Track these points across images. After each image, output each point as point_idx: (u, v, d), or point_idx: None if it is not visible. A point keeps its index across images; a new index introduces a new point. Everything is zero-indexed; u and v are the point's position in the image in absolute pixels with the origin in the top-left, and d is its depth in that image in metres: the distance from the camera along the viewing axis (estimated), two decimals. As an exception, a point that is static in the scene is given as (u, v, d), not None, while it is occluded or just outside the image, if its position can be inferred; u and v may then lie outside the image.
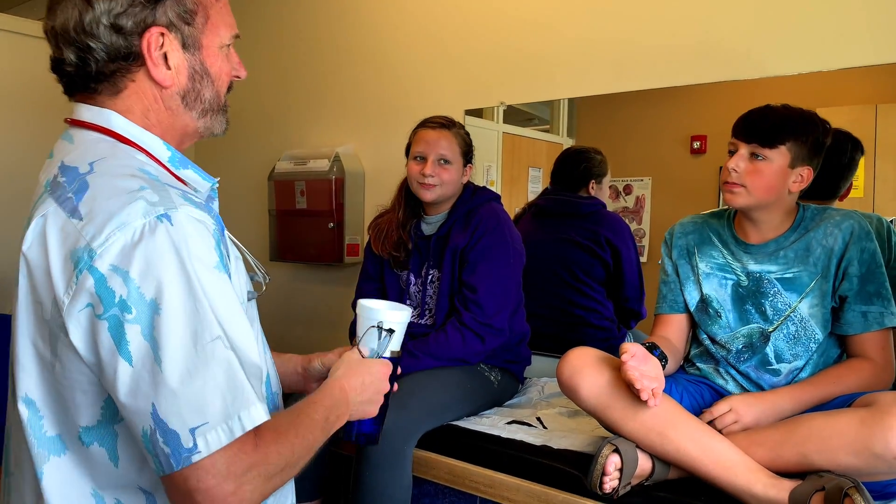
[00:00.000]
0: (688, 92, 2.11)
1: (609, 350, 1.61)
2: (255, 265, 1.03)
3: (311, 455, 0.88)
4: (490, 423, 1.87)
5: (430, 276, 2.03)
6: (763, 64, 1.92)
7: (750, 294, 1.60)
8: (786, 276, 1.56)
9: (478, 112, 2.55)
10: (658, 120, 2.37)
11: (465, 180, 2.06)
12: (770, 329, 1.58)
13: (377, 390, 1.08)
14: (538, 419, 1.90)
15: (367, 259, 2.19)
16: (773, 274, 1.58)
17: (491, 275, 1.92)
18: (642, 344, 1.53)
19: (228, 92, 1.02)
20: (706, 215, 1.74)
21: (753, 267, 1.60)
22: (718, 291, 1.64)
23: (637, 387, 1.38)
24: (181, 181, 0.93)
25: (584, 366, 1.52)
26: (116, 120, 0.90)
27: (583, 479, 1.49)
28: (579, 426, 1.83)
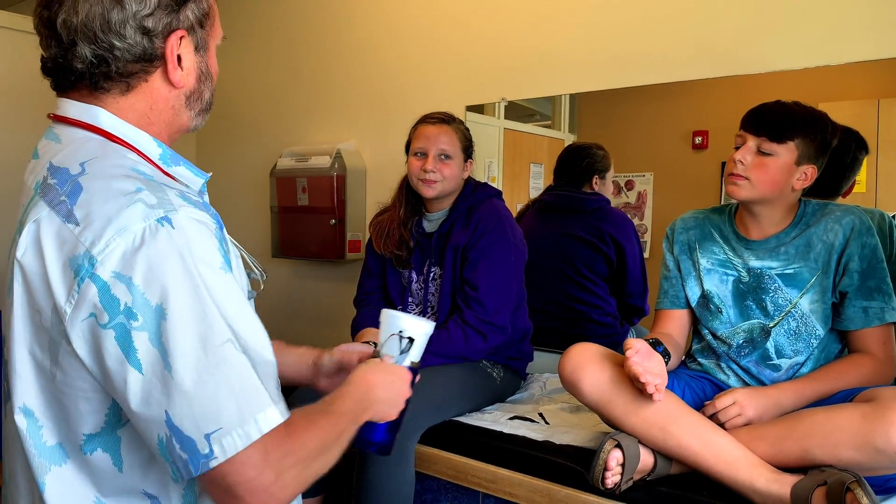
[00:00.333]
0: (689, 87, 2.10)
1: (611, 346, 1.61)
2: (252, 263, 1.01)
3: (343, 444, 0.86)
4: (492, 419, 1.87)
5: (432, 274, 2.03)
6: (765, 59, 1.92)
7: (751, 290, 1.60)
8: (786, 272, 1.56)
9: (479, 108, 2.54)
10: (660, 115, 2.36)
11: (466, 175, 2.06)
12: (771, 325, 1.58)
13: (399, 392, 1.06)
14: (540, 415, 1.91)
15: (369, 256, 2.19)
16: (774, 270, 1.58)
17: (492, 272, 1.92)
18: (645, 340, 1.53)
19: None
20: (707, 211, 1.73)
21: (754, 263, 1.60)
22: (719, 287, 1.64)
23: (642, 380, 1.38)
24: (173, 179, 0.91)
25: (587, 361, 1.53)
26: (105, 117, 0.88)
27: (585, 475, 1.49)
28: (581, 422, 1.83)
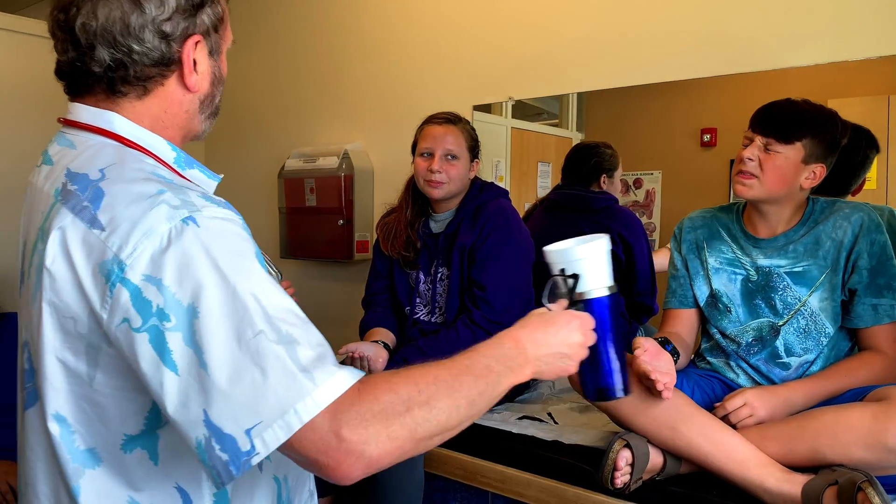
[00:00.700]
0: (697, 85, 2.09)
1: (620, 346, 1.61)
2: (269, 262, 1.02)
3: (458, 399, 0.80)
4: (501, 419, 1.87)
5: (440, 274, 2.03)
6: (773, 56, 1.91)
7: (759, 288, 1.59)
8: (795, 270, 1.55)
9: (486, 107, 2.54)
10: (668, 113, 2.36)
11: (473, 176, 2.06)
12: (780, 323, 1.57)
13: (563, 342, 0.95)
14: (549, 414, 1.91)
15: (376, 257, 2.19)
16: (783, 268, 1.57)
17: (499, 272, 1.91)
18: (654, 338, 1.53)
19: None
20: (715, 209, 1.73)
21: (763, 261, 1.59)
22: (728, 286, 1.64)
23: (652, 377, 1.37)
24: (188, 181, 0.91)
25: (595, 361, 1.52)
26: (119, 122, 0.88)
27: (594, 474, 1.49)
28: (590, 421, 1.83)
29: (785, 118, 1.50)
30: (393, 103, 2.78)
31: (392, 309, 2.15)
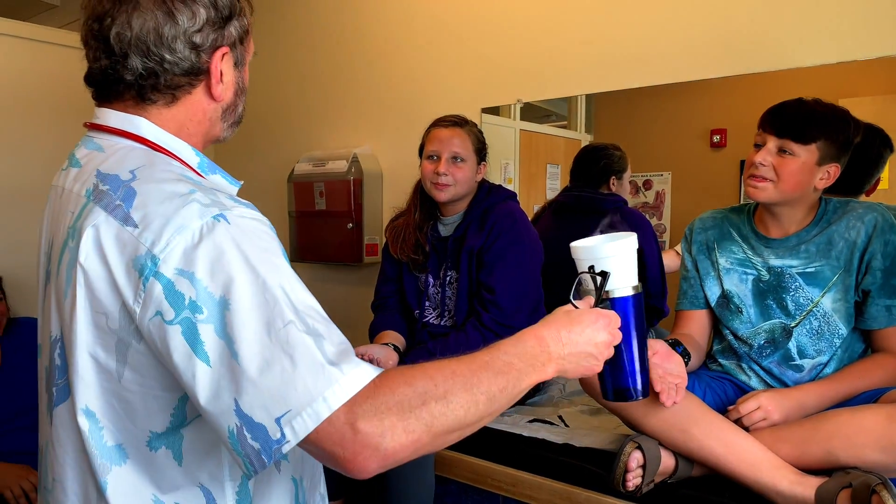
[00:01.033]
0: (707, 85, 2.08)
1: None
2: None
3: (476, 395, 0.80)
4: (512, 422, 1.87)
5: (449, 278, 2.03)
6: (783, 55, 1.90)
7: (771, 289, 1.58)
8: (807, 271, 1.54)
9: (494, 110, 2.54)
10: (677, 114, 2.35)
11: (480, 178, 2.06)
12: (792, 324, 1.56)
13: (589, 341, 0.94)
14: (560, 417, 1.90)
15: (385, 261, 2.19)
16: (795, 268, 1.56)
17: (507, 275, 1.91)
18: (665, 341, 1.52)
19: None
20: (726, 210, 1.72)
21: (774, 261, 1.58)
22: (739, 286, 1.63)
23: (657, 389, 1.37)
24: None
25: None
26: (147, 127, 0.91)
27: (605, 477, 1.48)
28: (601, 424, 1.82)
29: (799, 119, 1.48)
30: (401, 107, 2.78)
31: (401, 312, 2.15)
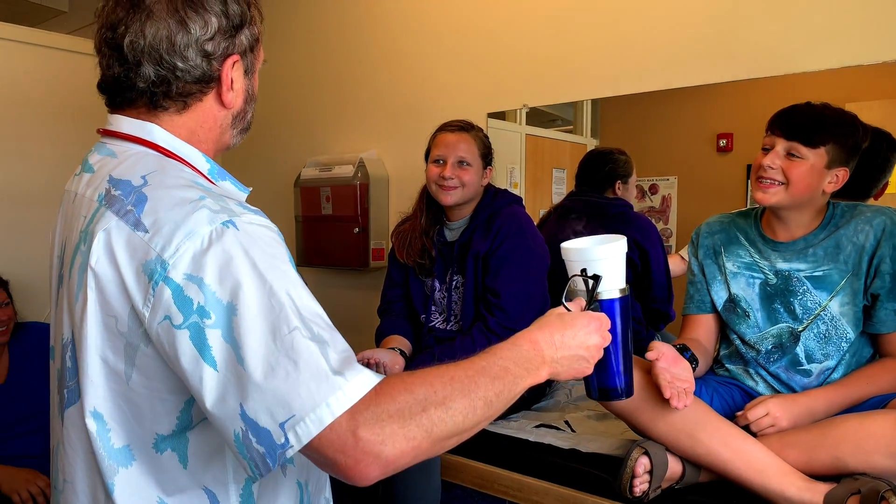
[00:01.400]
0: (713, 89, 2.08)
1: (637, 352, 1.59)
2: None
3: (475, 400, 0.81)
4: (518, 427, 1.86)
5: (455, 282, 2.03)
6: (789, 60, 1.89)
7: (778, 293, 1.58)
8: (815, 275, 1.54)
9: (500, 114, 2.54)
10: (683, 118, 2.35)
11: (486, 183, 2.06)
12: (800, 328, 1.55)
13: (581, 345, 0.96)
14: (566, 422, 1.90)
15: (392, 266, 2.20)
16: (803, 272, 1.55)
17: (513, 279, 1.91)
18: (673, 345, 1.52)
19: None
20: (733, 214, 1.71)
21: (782, 265, 1.58)
22: (746, 291, 1.62)
23: (666, 395, 1.36)
24: None
25: (612, 368, 1.51)
26: (158, 133, 0.92)
27: (612, 483, 1.48)
28: (608, 429, 1.82)
29: (808, 122, 1.48)
30: (408, 111, 2.79)
31: (408, 317, 2.15)
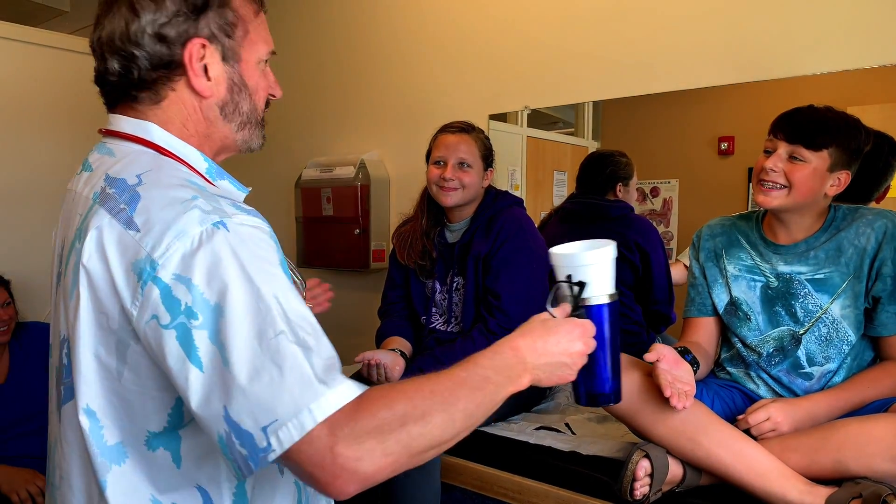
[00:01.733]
0: (715, 92, 2.08)
1: (637, 355, 1.59)
2: (293, 269, 1.04)
3: (454, 413, 0.82)
4: (518, 429, 1.86)
5: (455, 284, 2.03)
6: (791, 63, 1.90)
7: (779, 295, 1.58)
8: (816, 277, 1.54)
9: (502, 116, 2.55)
10: (685, 121, 2.35)
11: (486, 184, 2.06)
12: (801, 331, 1.55)
13: (564, 352, 0.96)
14: (567, 425, 1.89)
15: (392, 267, 2.19)
16: (804, 275, 1.55)
17: (514, 281, 1.91)
18: (674, 348, 1.51)
19: (266, 108, 1.05)
20: (734, 217, 1.71)
21: (783, 268, 1.57)
22: (747, 293, 1.62)
23: (667, 395, 1.36)
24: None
25: (613, 371, 1.51)
26: (157, 132, 0.92)
27: (613, 486, 1.48)
28: (608, 432, 1.81)
29: (811, 125, 1.47)
30: (409, 113, 2.79)
31: (408, 318, 2.15)
